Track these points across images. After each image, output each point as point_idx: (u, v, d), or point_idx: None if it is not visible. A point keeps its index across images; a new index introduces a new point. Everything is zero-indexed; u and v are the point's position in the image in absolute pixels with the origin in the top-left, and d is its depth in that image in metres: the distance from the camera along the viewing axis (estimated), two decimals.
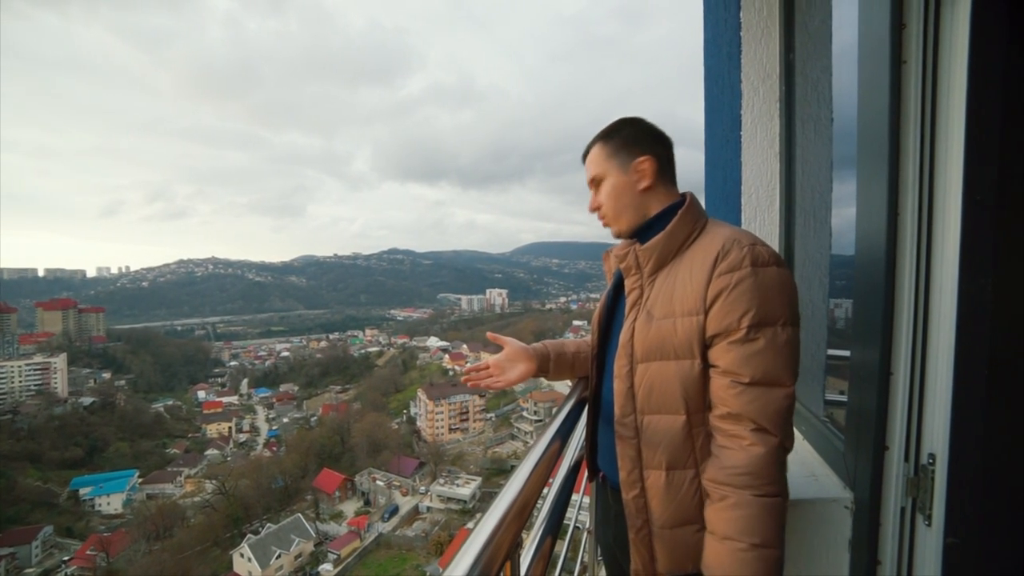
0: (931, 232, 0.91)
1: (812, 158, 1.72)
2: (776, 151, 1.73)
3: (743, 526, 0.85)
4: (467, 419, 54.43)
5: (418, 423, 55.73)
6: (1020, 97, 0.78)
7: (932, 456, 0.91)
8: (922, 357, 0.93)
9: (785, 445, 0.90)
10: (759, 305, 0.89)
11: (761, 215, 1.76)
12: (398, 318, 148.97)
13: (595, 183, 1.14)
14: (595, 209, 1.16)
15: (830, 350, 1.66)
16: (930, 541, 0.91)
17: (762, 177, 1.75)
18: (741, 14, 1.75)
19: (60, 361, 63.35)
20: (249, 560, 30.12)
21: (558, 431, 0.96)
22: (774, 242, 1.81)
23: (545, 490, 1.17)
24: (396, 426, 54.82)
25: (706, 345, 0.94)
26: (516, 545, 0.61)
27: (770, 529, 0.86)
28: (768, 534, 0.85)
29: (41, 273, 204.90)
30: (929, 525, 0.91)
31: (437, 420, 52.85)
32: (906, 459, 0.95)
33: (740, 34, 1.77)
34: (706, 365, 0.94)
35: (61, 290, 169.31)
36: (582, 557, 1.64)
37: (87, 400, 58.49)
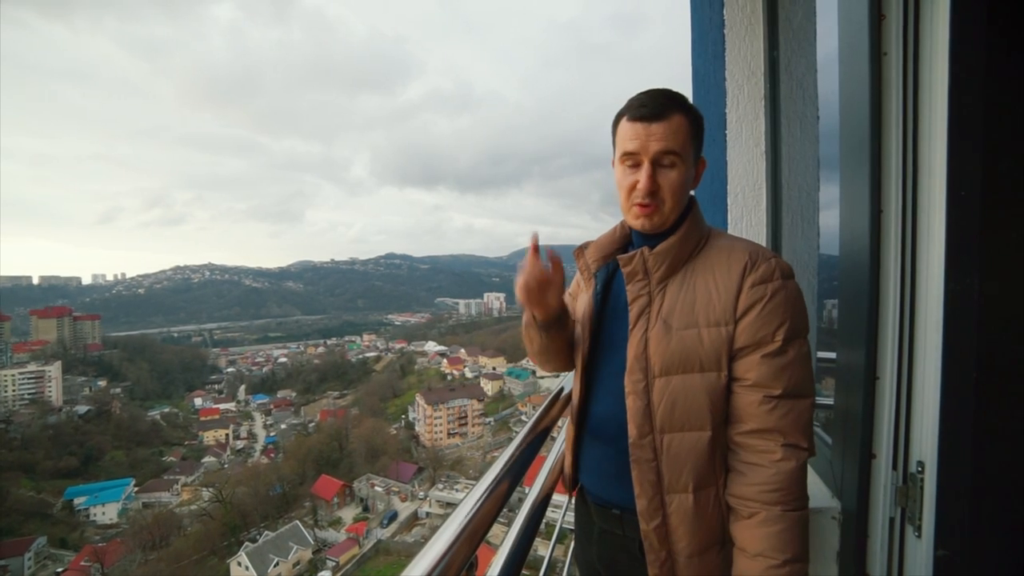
0: (915, 229, 0.88)
1: (799, 157, 1.69)
2: (762, 150, 1.70)
3: (775, 542, 0.84)
4: (466, 423, 54.25)
5: (416, 428, 55.52)
6: (1004, 86, 0.74)
7: (921, 464, 0.87)
8: (909, 360, 0.90)
9: (811, 455, 0.89)
10: (792, 317, 0.89)
11: (748, 215, 1.72)
12: (396, 323, 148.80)
13: (666, 158, 0.92)
14: (652, 192, 0.93)
15: (820, 352, 1.62)
16: (920, 553, 0.87)
17: (748, 177, 1.72)
18: (725, 11, 1.72)
19: (55, 369, 62.82)
20: (247, 569, 29.81)
21: (531, 445, 0.92)
22: (761, 243, 1.77)
23: (526, 489, 1.12)
24: (394, 431, 54.61)
25: (732, 357, 0.91)
26: (470, 565, 0.59)
27: (799, 543, 0.85)
28: (798, 548, 0.85)
29: (36, 281, 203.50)
30: (919, 536, 0.88)
31: (436, 425, 52.66)
32: (894, 467, 0.91)
33: (724, 32, 1.74)
34: (731, 377, 0.91)
35: (56, 298, 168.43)
36: (569, 565, 1.59)
37: (82, 408, 57.96)
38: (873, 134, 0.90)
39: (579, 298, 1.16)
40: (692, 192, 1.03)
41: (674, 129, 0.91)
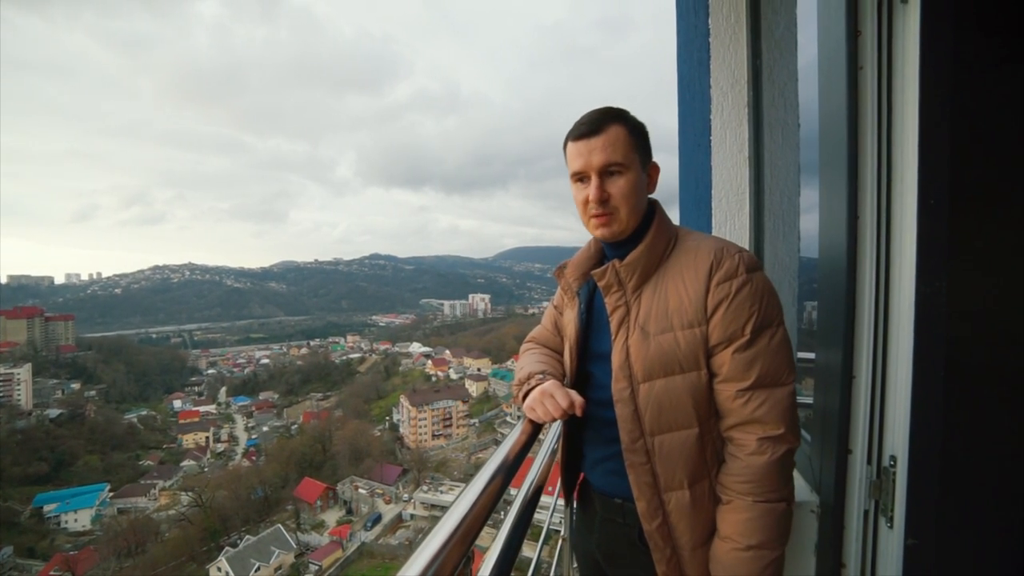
0: (889, 235, 0.92)
1: (780, 163, 1.75)
2: (745, 156, 1.75)
3: (740, 528, 0.90)
4: (450, 425, 53.99)
5: (401, 430, 55.03)
6: (970, 100, 0.79)
7: (893, 458, 0.92)
8: (883, 360, 0.94)
9: (792, 446, 0.92)
10: (760, 309, 0.92)
11: (731, 220, 1.77)
12: (380, 324, 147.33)
13: (610, 169, 0.96)
14: (602, 200, 0.97)
15: (800, 353, 1.67)
16: (892, 543, 0.92)
17: (732, 182, 1.77)
18: (710, 20, 1.77)
19: (24, 372, 60.51)
20: (227, 574, 29.20)
21: (522, 446, 0.94)
22: (744, 246, 1.82)
23: (513, 491, 1.14)
24: (378, 433, 54.01)
25: (709, 355, 0.94)
26: (467, 560, 0.59)
27: (767, 531, 0.89)
28: (764, 536, 0.89)
29: (3, 280, 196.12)
30: (891, 527, 0.92)
31: (420, 426, 52.28)
32: (869, 462, 0.96)
33: (709, 40, 1.78)
34: (711, 374, 0.95)
35: (26, 297, 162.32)
36: (556, 566, 1.61)
37: (54, 412, 55.94)
38: (850, 144, 0.94)
39: (565, 314, 1.19)
40: (653, 196, 1.07)
41: (612, 140, 0.96)
